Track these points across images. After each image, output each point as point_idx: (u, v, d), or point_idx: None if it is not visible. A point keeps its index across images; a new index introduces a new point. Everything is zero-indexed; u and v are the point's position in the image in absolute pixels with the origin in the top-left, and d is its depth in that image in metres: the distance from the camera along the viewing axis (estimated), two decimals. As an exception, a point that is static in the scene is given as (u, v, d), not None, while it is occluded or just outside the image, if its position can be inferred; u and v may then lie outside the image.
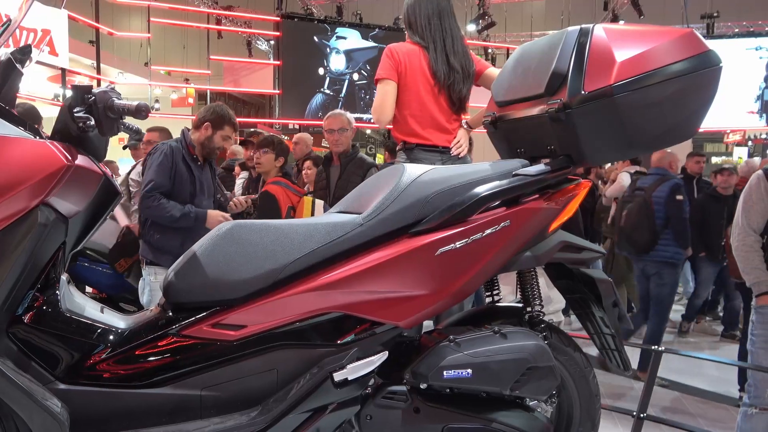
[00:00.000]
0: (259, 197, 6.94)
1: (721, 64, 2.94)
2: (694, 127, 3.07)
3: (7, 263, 2.48)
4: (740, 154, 26.99)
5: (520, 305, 3.27)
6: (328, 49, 22.17)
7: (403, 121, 5.07)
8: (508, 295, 4.13)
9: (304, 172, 8.59)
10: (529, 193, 2.99)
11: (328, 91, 22.06)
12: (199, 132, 5.89)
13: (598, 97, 2.84)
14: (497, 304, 3.34)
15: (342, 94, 22.14)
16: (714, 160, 27.22)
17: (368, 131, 29.08)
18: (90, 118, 2.72)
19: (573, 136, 2.93)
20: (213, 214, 5.74)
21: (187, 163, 5.78)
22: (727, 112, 22.94)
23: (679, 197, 7.82)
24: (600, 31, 2.94)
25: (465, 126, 5.08)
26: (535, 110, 3.07)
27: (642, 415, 5.00)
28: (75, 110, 2.74)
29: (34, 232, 2.51)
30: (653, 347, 5.13)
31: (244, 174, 9.24)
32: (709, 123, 23.03)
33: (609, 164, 12.26)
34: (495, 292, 3.36)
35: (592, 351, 3.43)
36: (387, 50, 5.02)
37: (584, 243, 3.16)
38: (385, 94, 4.96)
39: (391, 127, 5.23)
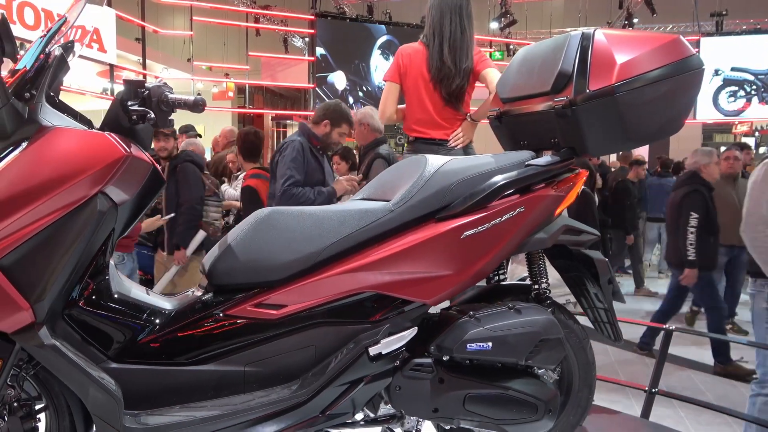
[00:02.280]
0: (242, 192, 7.15)
1: (703, 67, 3.07)
2: (681, 123, 3.19)
3: (67, 249, 2.49)
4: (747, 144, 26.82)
5: (525, 284, 3.35)
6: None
7: (407, 117, 5.23)
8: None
9: (334, 166, 8.62)
10: (538, 181, 3.07)
11: (352, 78, 22.20)
12: (318, 128, 6.18)
13: (600, 96, 2.94)
14: (501, 283, 3.39)
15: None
16: (723, 150, 27.09)
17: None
18: (149, 112, 2.73)
19: (577, 130, 3.03)
20: (337, 184, 6.14)
21: (314, 154, 6.09)
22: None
23: None
24: (600, 35, 3.05)
25: (469, 119, 5.08)
26: (541, 106, 3.17)
27: (654, 390, 5.00)
28: (129, 103, 2.76)
29: (93, 219, 2.52)
30: (665, 326, 5.12)
31: None
32: (719, 114, 23.03)
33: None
34: (501, 272, 3.42)
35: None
36: (396, 53, 5.22)
37: (583, 226, 3.23)
38: (387, 94, 5.21)
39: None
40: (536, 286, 3.27)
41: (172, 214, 6.91)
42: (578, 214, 4.91)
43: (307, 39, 24.27)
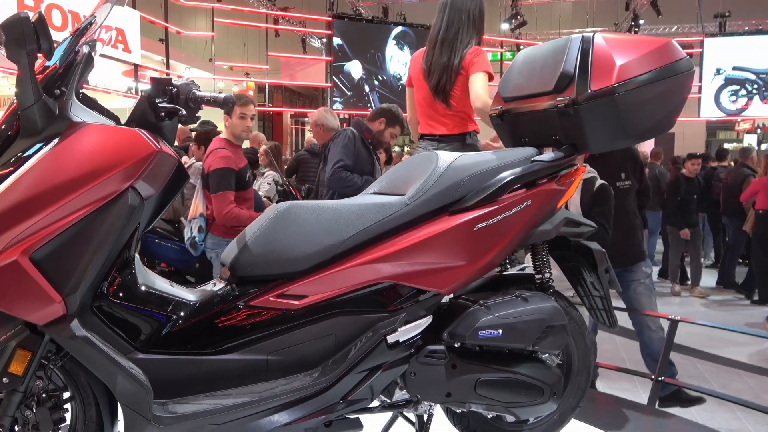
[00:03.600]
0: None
1: (693, 69, 3.17)
2: (673, 121, 3.27)
3: (99, 242, 2.48)
4: (750, 141, 26.78)
5: (528, 273, 3.40)
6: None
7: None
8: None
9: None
10: (542, 176, 3.12)
11: (368, 67, 22.44)
12: (373, 124, 6.32)
13: (602, 95, 2.99)
14: (504, 273, 3.42)
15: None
16: (726, 146, 27.03)
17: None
18: (180, 109, 2.73)
19: (579, 127, 3.08)
20: None
21: (366, 146, 6.19)
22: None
23: None
24: (600, 39, 3.11)
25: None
26: (542, 105, 3.20)
27: (660, 378, 4.99)
28: (158, 101, 2.76)
29: (124, 213, 2.51)
30: (670, 316, 5.10)
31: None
32: (720, 113, 23.05)
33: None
34: (509, 262, 3.47)
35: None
36: None
37: (581, 219, 3.31)
38: (408, 98, 5.28)
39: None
40: (539, 276, 3.31)
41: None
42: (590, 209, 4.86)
43: (324, 39, 24.38)
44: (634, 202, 5.93)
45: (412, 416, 3.27)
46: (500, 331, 2.95)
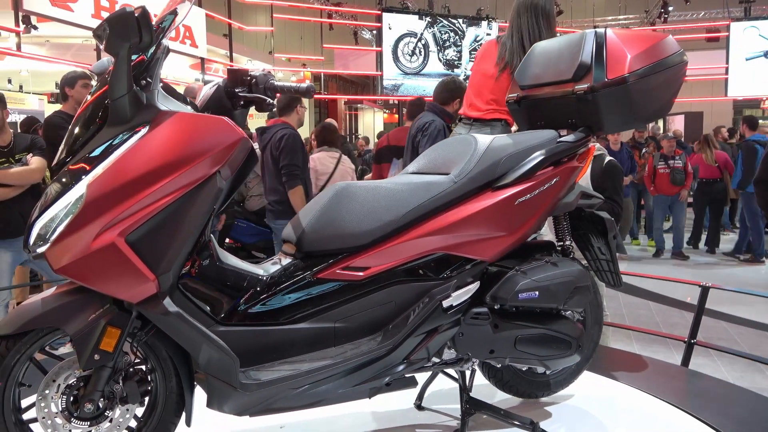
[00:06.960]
0: None
1: (687, 60, 3.37)
2: (671, 106, 3.50)
3: (191, 222, 2.53)
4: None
5: (547, 241, 3.52)
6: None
7: None
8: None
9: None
10: (566, 155, 3.26)
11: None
12: (450, 106, 6.14)
13: (616, 83, 3.17)
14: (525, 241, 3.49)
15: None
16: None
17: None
18: (266, 98, 2.78)
19: (596, 112, 3.24)
20: None
21: (450, 132, 5.95)
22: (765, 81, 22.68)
23: None
24: (611, 33, 3.29)
25: None
26: (560, 92, 3.34)
27: (692, 341, 4.96)
28: (237, 90, 2.80)
29: (212, 195, 2.54)
30: (702, 283, 5.07)
31: None
32: (748, 91, 22.84)
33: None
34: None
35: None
36: None
37: (593, 192, 3.47)
38: None
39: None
40: (561, 243, 3.46)
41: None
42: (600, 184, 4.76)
43: (374, 32, 24.34)
44: None
45: (453, 372, 3.36)
46: (537, 293, 3.06)
